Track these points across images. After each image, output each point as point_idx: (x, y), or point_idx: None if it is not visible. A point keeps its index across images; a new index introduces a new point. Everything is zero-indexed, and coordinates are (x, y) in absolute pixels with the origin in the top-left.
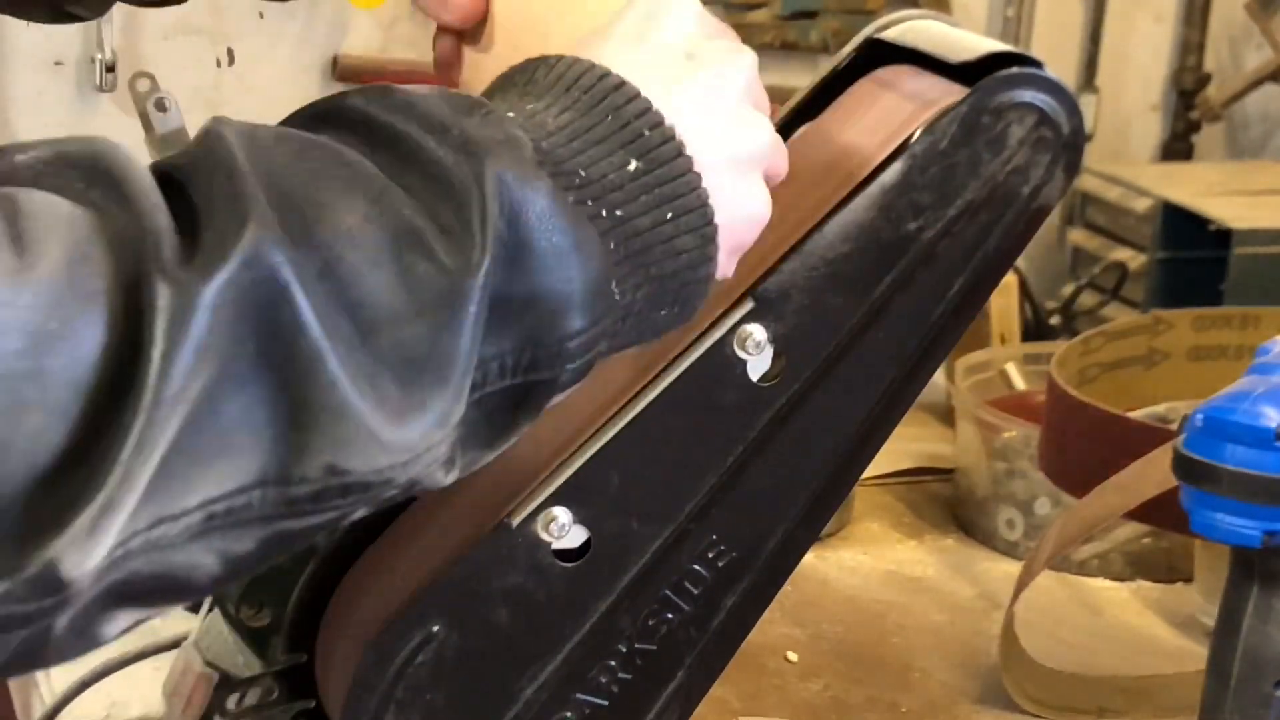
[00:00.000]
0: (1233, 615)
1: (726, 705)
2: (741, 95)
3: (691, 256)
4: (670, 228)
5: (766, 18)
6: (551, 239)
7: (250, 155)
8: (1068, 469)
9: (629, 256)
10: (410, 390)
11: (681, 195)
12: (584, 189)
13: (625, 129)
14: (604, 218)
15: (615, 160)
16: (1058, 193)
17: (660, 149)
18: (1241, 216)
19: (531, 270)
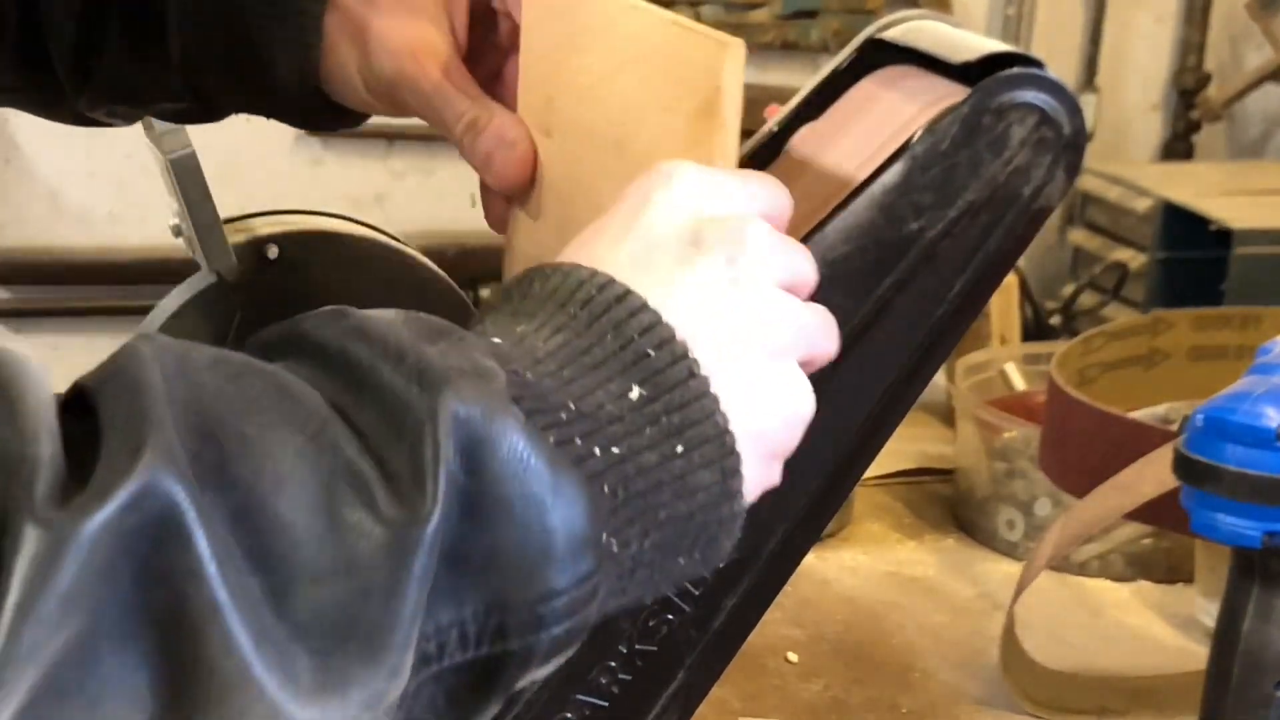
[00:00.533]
0: (1233, 616)
1: (726, 705)
2: (758, 273)
3: (710, 494)
4: (681, 463)
5: (766, 18)
6: (521, 485)
7: (172, 377)
8: (1068, 469)
9: (630, 500)
10: (330, 663)
11: (695, 424)
12: (572, 425)
13: (626, 349)
14: (597, 456)
15: (614, 388)
16: (1059, 193)
17: (668, 371)
18: (1241, 216)
19: (496, 522)
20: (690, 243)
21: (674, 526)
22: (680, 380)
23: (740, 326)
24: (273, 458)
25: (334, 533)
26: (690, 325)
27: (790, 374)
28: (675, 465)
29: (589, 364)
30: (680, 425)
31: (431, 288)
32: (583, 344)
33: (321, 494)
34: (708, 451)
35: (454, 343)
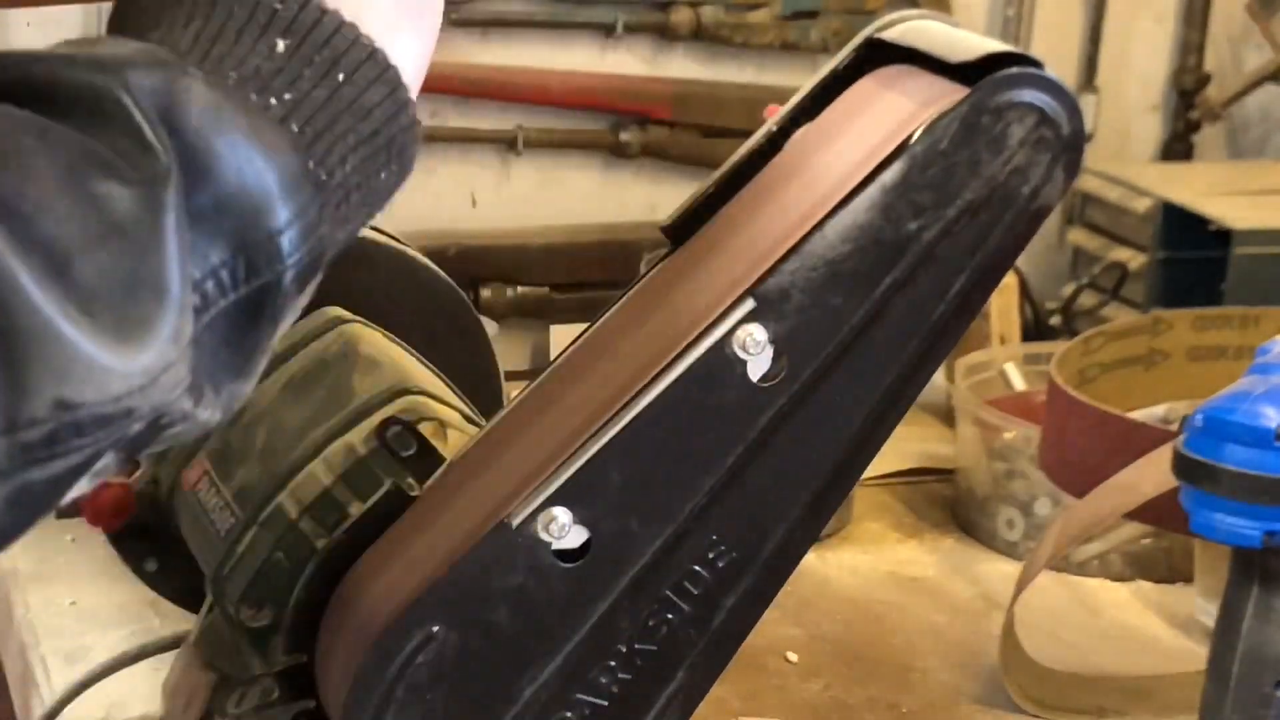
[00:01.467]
0: (1233, 615)
1: (726, 705)
2: None
3: (385, 108)
4: (349, 89)
5: (766, 18)
6: (223, 134)
7: None
8: (1068, 469)
9: (320, 134)
10: (128, 310)
11: (345, 52)
12: (242, 86)
13: (256, 12)
14: (276, 106)
15: (262, 48)
16: (1058, 193)
17: (300, 16)
18: (1241, 216)
19: (214, 172)
20: None
21: (365, 146)
22: (315, 20)
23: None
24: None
25: (92, 203)
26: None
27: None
28: (344, 93)
29: (229, 38)
30: (333, 57)
31: (431, 288)
32: (216, 25)
33: (68, 175)
34: (367, 71)
35: (116, 41)
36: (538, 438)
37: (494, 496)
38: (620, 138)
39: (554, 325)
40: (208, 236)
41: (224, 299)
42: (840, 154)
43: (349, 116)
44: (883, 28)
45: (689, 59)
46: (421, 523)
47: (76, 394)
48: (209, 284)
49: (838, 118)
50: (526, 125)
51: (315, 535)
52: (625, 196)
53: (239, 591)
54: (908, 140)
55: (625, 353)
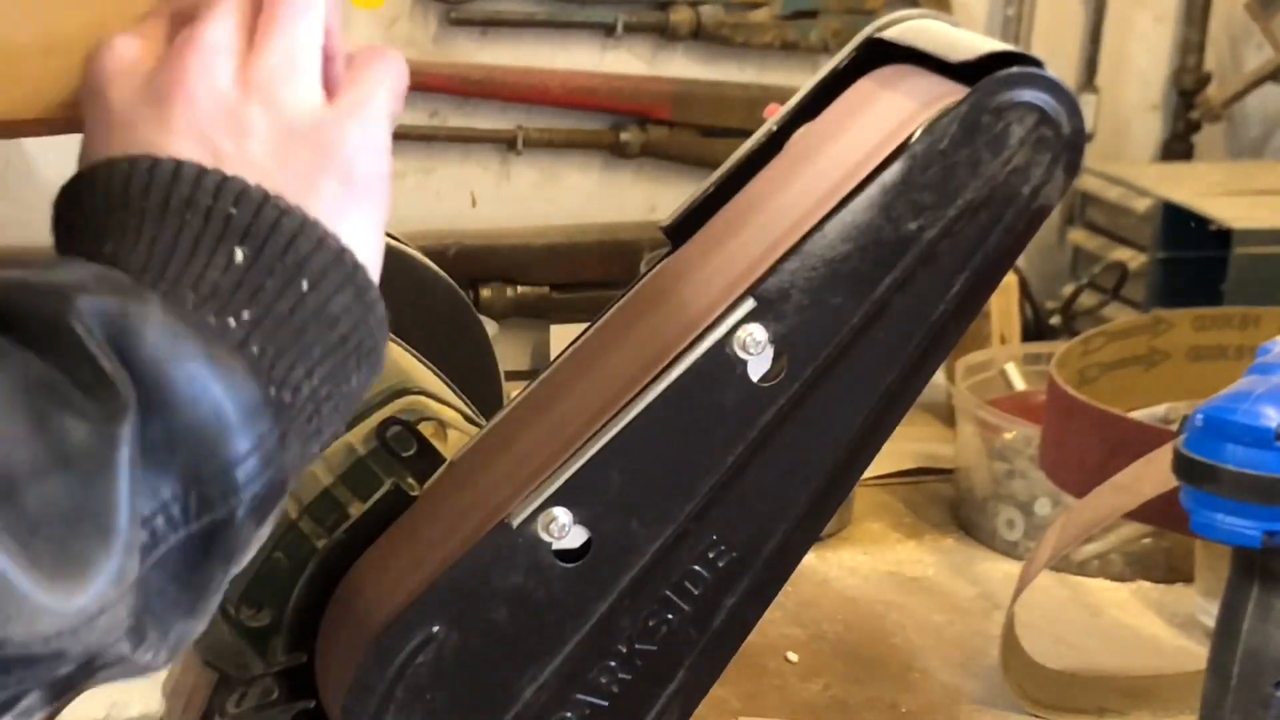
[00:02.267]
0: (1233, 615)
1: (726, 705)
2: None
3: (353, 313)
4: (315, 297)
5: (766, 18)
6: (178, 364)
7: None
8: (1068, 469)
9: (283, 351)
10: (69, 546)
11: (309, 256)
12: (201, 308)
13: (211, 219)
14: (233, 328)
15: (220, 260)
16: (1058, 193)
17: (257, 221)
18: (1241, 216)
19: (168, 404)
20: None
21: (333, 356)
22: (273, 221)
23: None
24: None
25: (43, 432)
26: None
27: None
28: (309, 302)
29: (185, 249)
30: (297, 262)
31: (431, 288)
32: (169, 236)
33: (22, 402)
34: (333, 276)
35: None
36: (538, 438)
37: (494, 496)
38: (620, 138)
39: (554, 325)
40: (159, 469)
41: (174, 534)
42: (840, 154)
43: (315, 328)
44: (883, 27)
45: (689, 59)
46: (421, 523)
47: (4, 630)
48: (159, 519)
49: (838, 117)
50: (526, 125)
51: (315, 535)
52: (625, 196)
53: (239, 591)
54: (908, 140)
55: (625, 353)
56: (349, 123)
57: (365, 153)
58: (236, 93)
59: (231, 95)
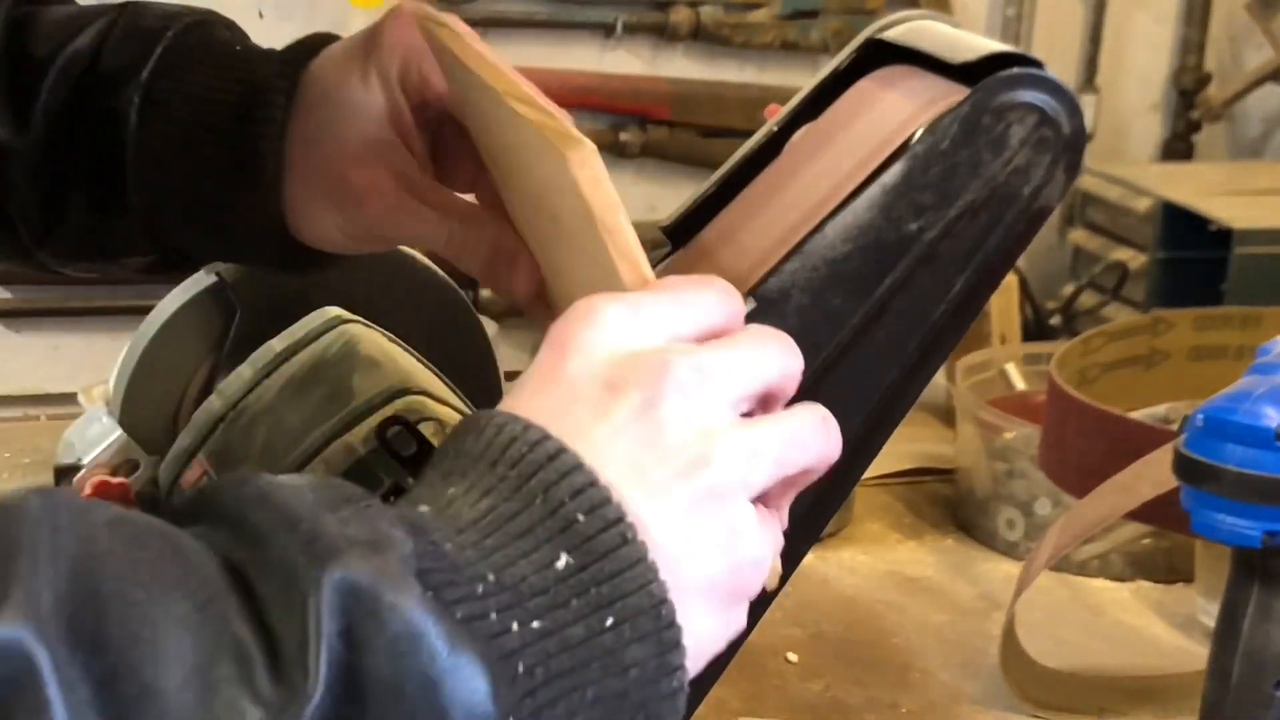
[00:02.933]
0: (1233, 616)
1: (726, 706)
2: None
3: (645, 670)
4: (612, 638)
5: (766, 18)
6: (412, 664)
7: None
8: (1068, 469)
9: (553, 679)
10: None
11: (627, 595)
12: (488, 598)
13: (555, 515)
14: (514, 632)
15: (539, 557)
16: (1059, 193)
17: (598, 538)
18: (1242, 216)
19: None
20: (607, 388)
21: (605, 705)
22: (612, 548)
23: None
24: (153, 624)
25: (205, 709)
26: (620, 481)
27: (734, 515)
28: (605, 640)
29: (514, 531)
30: (611, 596)
31: (431, 288)
32: (510, 509)
33: (199, 667)
34: (642, 624)
35: (358, 511)
36: None
37: None
38: (620, 138)
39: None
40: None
41: None
42: (841, 154)
43: (598, 668)
44: (883, 28)
45: (689, 59)
46: None
47: None
48: None
49: (838, 118)
50: None
51: None
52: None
53: None
54: (909, 140)
55: None
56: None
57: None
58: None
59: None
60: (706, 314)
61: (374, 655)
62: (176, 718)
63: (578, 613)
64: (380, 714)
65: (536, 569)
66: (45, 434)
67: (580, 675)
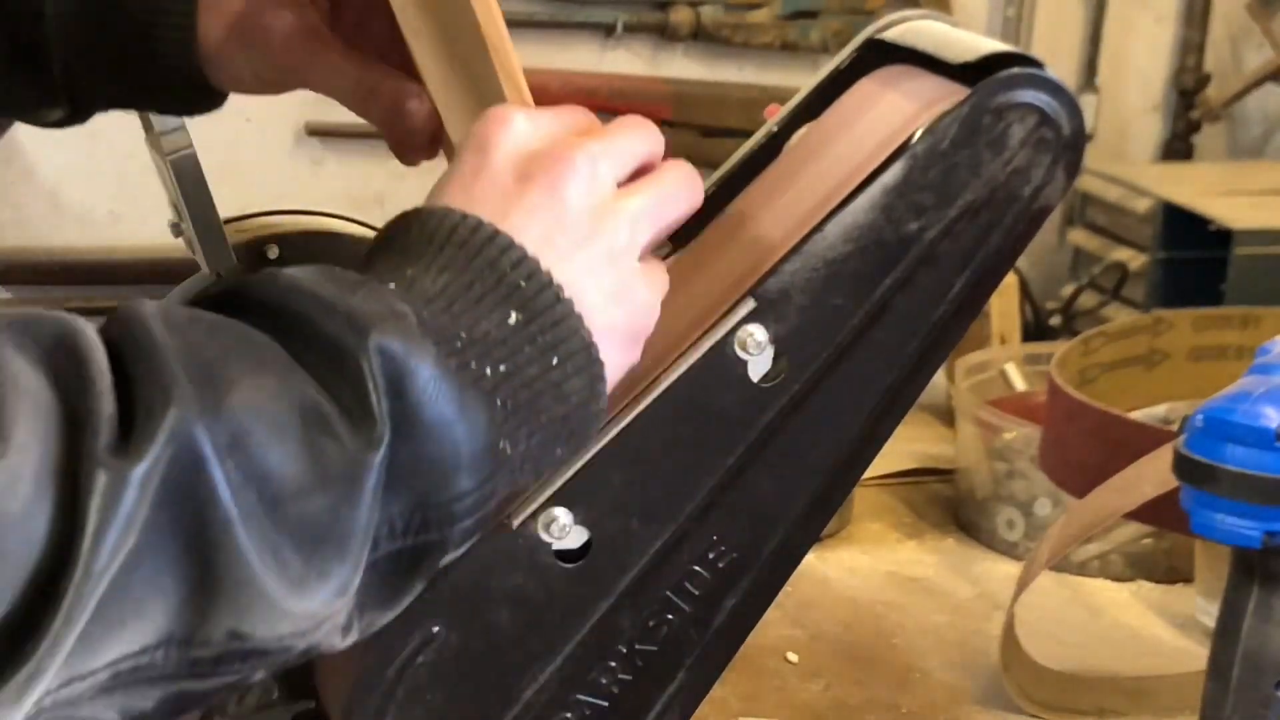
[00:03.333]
0: (1233, 616)
1: (726, 706)
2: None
3: (581, 396)
4: (557, 373)
5: (766, 18)
6: (436, 408)
7: (167, 333)
8: (1068, 469)
9: (518, 409)
10: (312, 561)
11: (565, 339)
12: (467, 351)
13: (502, 283)
14: (489, 376)
15: (496, 316)
16: (1058, 193)
17: (538, 298)
18: (1242, 216)
19: (418, 439)
20: (520, 179)
21: (553, 426)
22: (549, 304)
23: (580, 240)
24: (254, 395)
25: (310, 455)
26: (537, 252)
27: (624, 271)
28: (552, 376)
29: (472, 298)
30: (553, 342)
31: None
32: (464, 281)
33: (296, 423)
34: (578, 361)
35: (370, 290)
36: None
37: None
38: None
39: None
40: (395, 490)
41: (392, 545)
42: (841, 154)
43: (549, 398)
44: (883, 28)
45: (689, 59)
46: None
47: (249, 628)
48: (383, 529)
49: (838, 118)
50: None
51: None
52: None
53: None
54: (909, 141)
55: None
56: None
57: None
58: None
59: (585, 208)
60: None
61: (409, 403)
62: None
63: (530, 356)
64: (414, 447)
65: (495, 326)
66: None
67: (536, 404)
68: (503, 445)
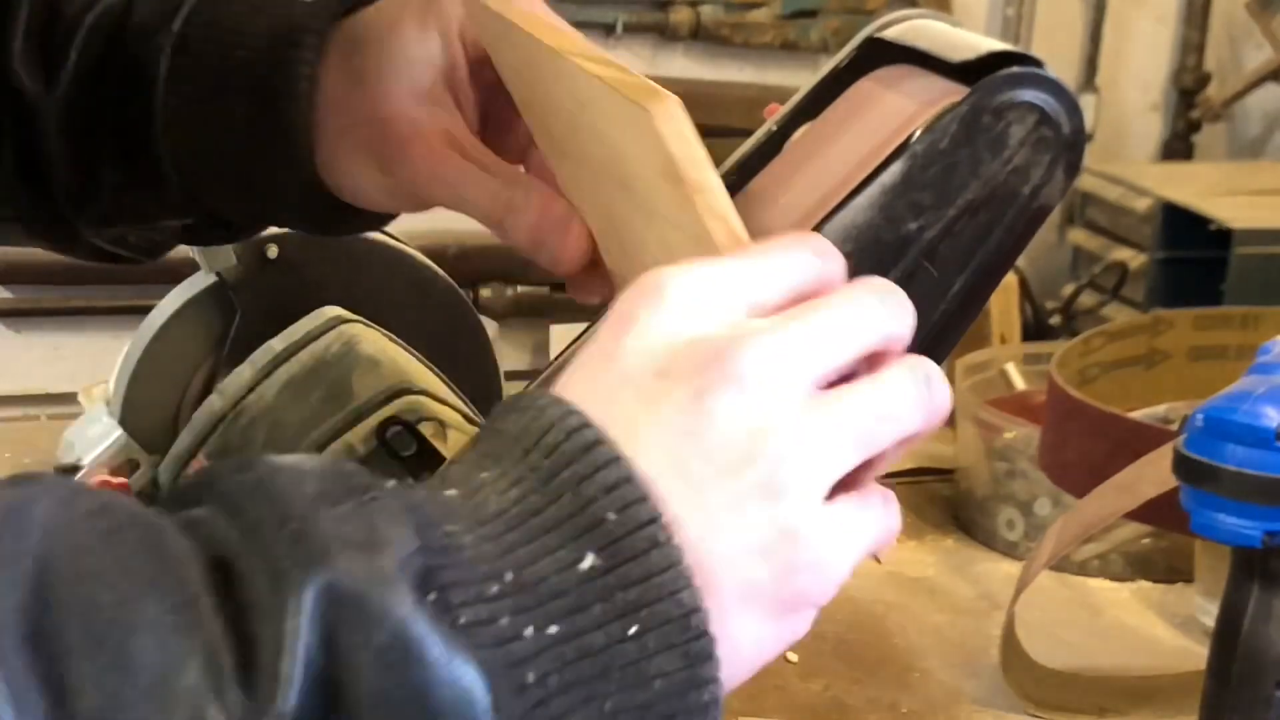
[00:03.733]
0: (1233, 616)
1: (726, 706)
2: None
3: (671, 682)
4: (634, 647)
5: (766, 17)
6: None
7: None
8: (1068, 469)
9: (568, 687)
10: None
11: (655, 601)
12: (501, 599)
13: (584, 511)
14: (527, 638)
15: (565, 555)
16: (1058, 193)
17: (627, 540)
18: (1241, 216)
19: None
20: (659, 376)
21: (627, 717)
22: (642, 550)
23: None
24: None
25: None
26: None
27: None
28: (627, 649)
29: (540, 527)
30: (637, 603)
31: (431, 288)
32: (537, 502)
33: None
34: (669, 633)
35: (360, 505)
36: None
37: None
38: None
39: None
40: None
41: None
42: (840, 154)
43: (617, 678)
44: (883, 27)
45: (689, 59)
46: None
47: None
48: None
49: (838, 117)
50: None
51: None
52: None
53: None
54: (908, 140)
55: None
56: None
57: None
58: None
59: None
60: (795, 276)
61: (359, 665)
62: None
63: (599, 619)
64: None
65: (559, 569)
66: (45, 434)
67: (598, 685)
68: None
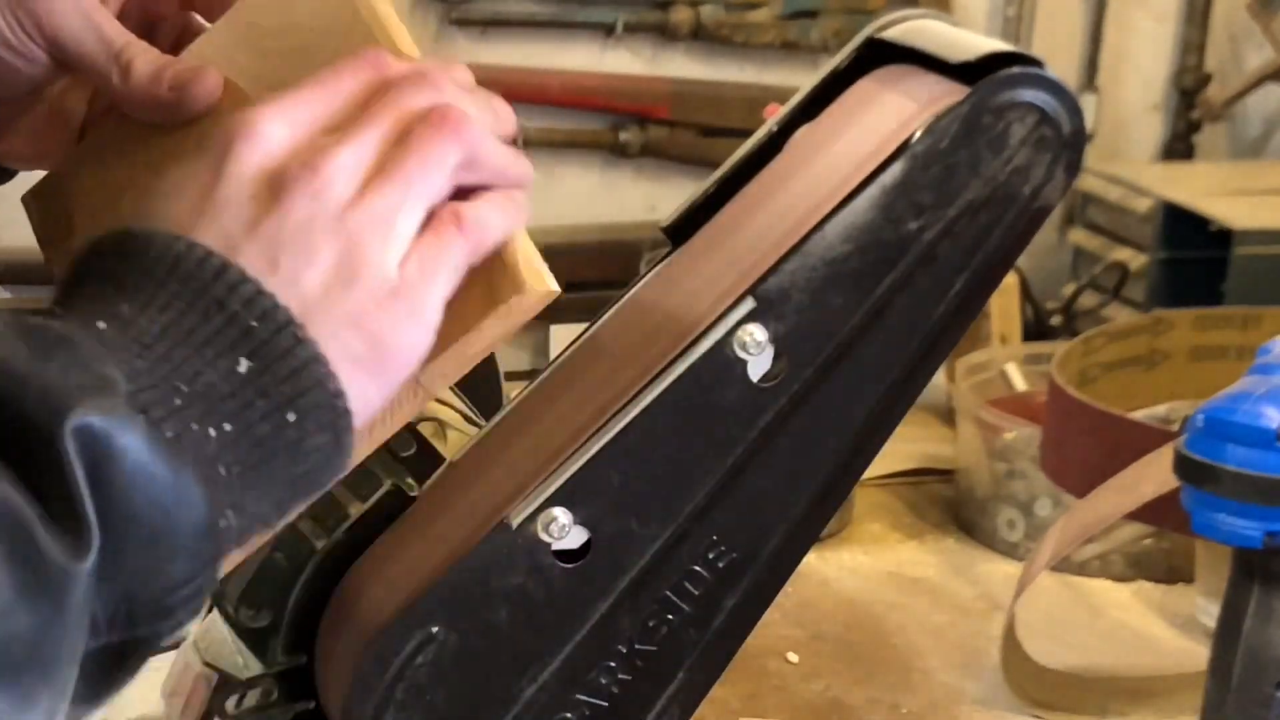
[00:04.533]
0: (1234, 616)
1: (726, 706)
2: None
3: (323, 454)
4: (294, 431)
5: (766, 18)
6: (145, 494)
7: None
8: (1068, 469)
9: (245, 474)
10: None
11: (306, 391)
12: (186, 410)
13: (231, 325)
14: (212, 438)
15: (224, 364)
16: (1058, 193)
17: (273, 341)
18: (1242, 216)
19: (125, 532)
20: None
21: (287, 486)
22: (287, 349)
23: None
24: None
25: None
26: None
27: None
28: (289, 433)
29: (197, 342)
30: (292, 395)
31: None
32: (189, 323)
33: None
34: (320, 416)
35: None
36: (538, 438)
37: (494, 497)
38: (620, 137)
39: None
40: (99, 588)
41: (94, 642)
42: (841, 154)
43: (283, 459)
44: (883, 27)
45: (689, 59)
46: (421, 523)
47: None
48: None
49: (838, 117)
50: (526, 125)
51: (314, 535)
52: (625, 196)
53: (238, 592)
54: (908, 140)
55: (625, 353)
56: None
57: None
58: (326, 223)
59: (319, 224)
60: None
61: (113, 493)
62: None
63: (263, 411)
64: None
65: (223, 376)
66: None
67: (269, 466)
68: (224, 522)
